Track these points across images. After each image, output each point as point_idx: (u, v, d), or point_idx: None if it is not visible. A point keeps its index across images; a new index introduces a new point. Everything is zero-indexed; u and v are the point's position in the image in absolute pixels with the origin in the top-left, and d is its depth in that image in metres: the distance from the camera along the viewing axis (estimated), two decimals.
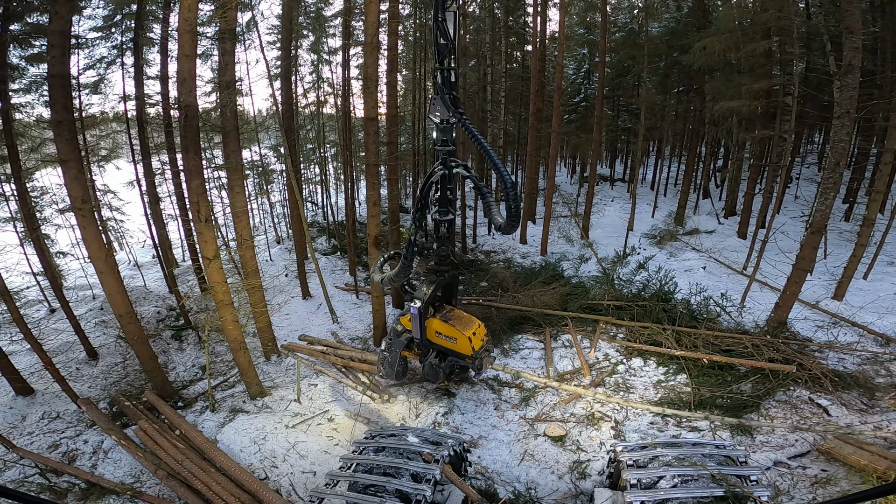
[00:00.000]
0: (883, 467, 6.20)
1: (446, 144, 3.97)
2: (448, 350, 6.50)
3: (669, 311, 11.24)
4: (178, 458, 7.58)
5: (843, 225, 16.57)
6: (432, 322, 6.73)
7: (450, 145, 3.96)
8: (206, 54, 14.57)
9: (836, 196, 9.45)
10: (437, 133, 4.00)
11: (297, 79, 19.95)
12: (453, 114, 3.64)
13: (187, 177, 6.75)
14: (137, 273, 16.47)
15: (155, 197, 13.78)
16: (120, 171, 16.61)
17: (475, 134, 3.46)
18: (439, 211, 4.34)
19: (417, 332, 5.62)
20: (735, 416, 8.13)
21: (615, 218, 20.43)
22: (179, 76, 6.22)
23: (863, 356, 9.62)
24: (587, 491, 7.08)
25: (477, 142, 3.51)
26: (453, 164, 4.04)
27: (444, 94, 3.75)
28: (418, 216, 4.10)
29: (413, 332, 5.69)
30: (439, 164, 3.83)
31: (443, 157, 3.87)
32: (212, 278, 7.87)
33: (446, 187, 3.98)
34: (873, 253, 12.99)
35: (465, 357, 5.71)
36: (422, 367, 6.61)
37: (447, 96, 3.73)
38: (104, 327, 12.74)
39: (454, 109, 3.62)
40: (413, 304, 5.38)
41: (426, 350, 6.08)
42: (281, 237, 21.46)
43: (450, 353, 6.26)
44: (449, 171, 3.84)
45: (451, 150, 3.96)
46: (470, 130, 3.52)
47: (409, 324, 5.94)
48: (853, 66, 8.64)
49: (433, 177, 3.93)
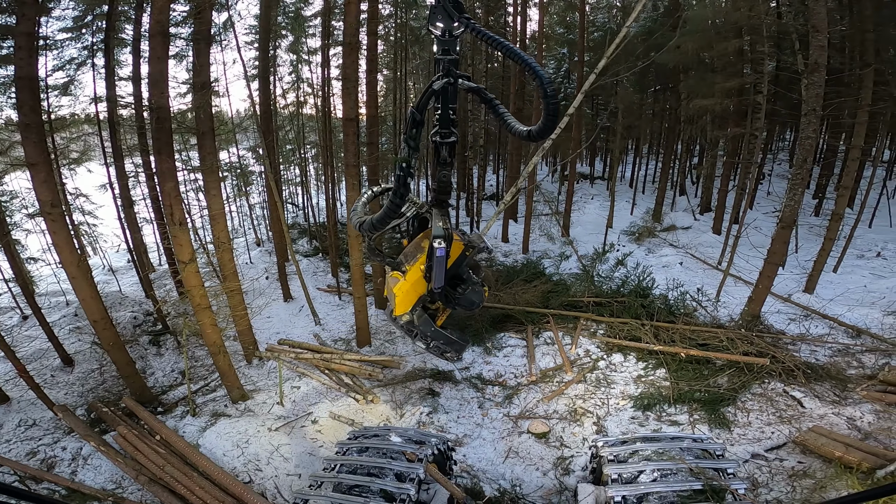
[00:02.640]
0: (857, 458, 6.35)
1: (448, 53, 3.20)
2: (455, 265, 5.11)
3: (648, 307, 11.44)
4: (159, 464, 7.49)
5: (813, 220, 17.08)
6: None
7: (452, 54, 3.20)
8: (181, 55, 14.30)
9: (804, 192, 9.75)
10: (437, 45, 3.31)
11: (276, 79, 19.70)
12: (458, 20, 3.05)
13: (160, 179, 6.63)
14: (112, 278, 16.09)
15: (129, 200, 13.48)
16: (92, 174, 16.20)
17: (492, 36, 2.86)
18: (440, 132, 3.53)
19: (441, 279, 4.30)
20: (713, 409, 8.26)
21: (595, 215, 20.68)
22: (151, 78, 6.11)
23: (834, 348, 9.89)
24: (571, 487, 7.18)
25: (496, 43, 2.87)
26: (458, 75, 3.25)
27: (445, 1, 3.13)
28: (414, 133, 3.21)
29: (435, 282, 4.40)
30: (440, 75, 3.22)
31: (445, 66, 3.19)
32: (188, 282, 7.75)
33: (448, 105, 3.34)
34: (842, 246, 13.42)
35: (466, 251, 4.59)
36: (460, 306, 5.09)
37: (449, 2, 3.02)
38: (79, 334, 12.44)
39: (458, 15, 3.04)
40: (438, 246, 4.12)
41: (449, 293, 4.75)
42: (261, 239, 21.18)
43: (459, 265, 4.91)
44: (454, 80, 3.20)
45: (454, 60, 3.20)
46: (484, 34, 2.88)
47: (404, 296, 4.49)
48: (819, 64, 8.88)
49: (433, 87, 3.19)
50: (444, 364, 10.80)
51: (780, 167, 24.24)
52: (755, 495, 6.46)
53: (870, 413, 7.69)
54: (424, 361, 10.93)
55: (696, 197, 21.90)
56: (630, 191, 23.56)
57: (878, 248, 15.03)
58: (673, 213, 20.10)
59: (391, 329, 12.72)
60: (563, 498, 7.14)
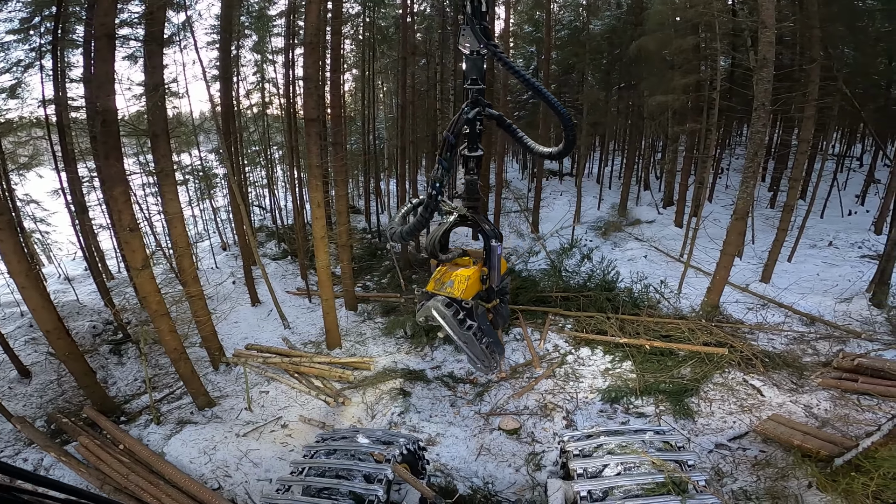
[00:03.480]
0: (815, 446, 6.52)
1: (476, 83, 3.63)
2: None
3: (613, 300, 11.65)
4: (123, 473, 7.29)
5: (769, 212, 17.77)
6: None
7: (480, 83, 3.62)
8: (136, 56, 13.82)
9: (755, 184, 10.12)
10: (466, 68, 3.65)
11: (239, 79, 19.29)
12: (484, 45, 3.42)
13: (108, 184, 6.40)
14: (69, 287, 15.46)
15: (82, 206, 12.96)
16: (43, 180, 15.53)
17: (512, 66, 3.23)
18: (468, 147, 3.99)
19: (499, 279, 4.62)
20: (678, 400, 8.42)
21: (563, 211, 20.99)
22: (97, 80, 5.89)
23: (790, 336, 10.23)
24: (543, 482, 7.22)
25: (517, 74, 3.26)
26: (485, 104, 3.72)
27: (473, 24, 3.45)
28: (448, 156, 3.64)
29: (494, 280, 4.70)
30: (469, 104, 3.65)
31: (474, 96, 3.64)
32: (143, 289, 7.51)
33: (475, 126, 3.79)
34: (796, 236, 14.00)
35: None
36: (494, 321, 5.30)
37: (477, 27, 3.37)
38: (35, 345, 11.98)
39: (486, 41, 3.39)
40: (497, 244, 4.44)
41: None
42: (227, 243, 20.69)
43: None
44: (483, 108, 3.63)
45: (481, 89, 3.63)
46: (506, 63, 3.26)
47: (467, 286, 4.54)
48: (767, 59, 9.18)
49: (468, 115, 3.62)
50: (414, 363, 10.78)
51: (738, 161, 25.08)
52: (721, 485, 6.58)
53: (826, 400, 7.97)
54: (395, 362, 10.88)
55: (659, 191, 22.49)
56: (597, 187, 24.01)
57: (829, 237, 15.77)
58: (638, 207, 20.60)
59: (361, 330, 12.64)
60: (535, 494, 7.17)
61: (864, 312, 10.72)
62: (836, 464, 6.11)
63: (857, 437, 6.69)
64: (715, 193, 19.82)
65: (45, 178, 15.43)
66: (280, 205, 21.63)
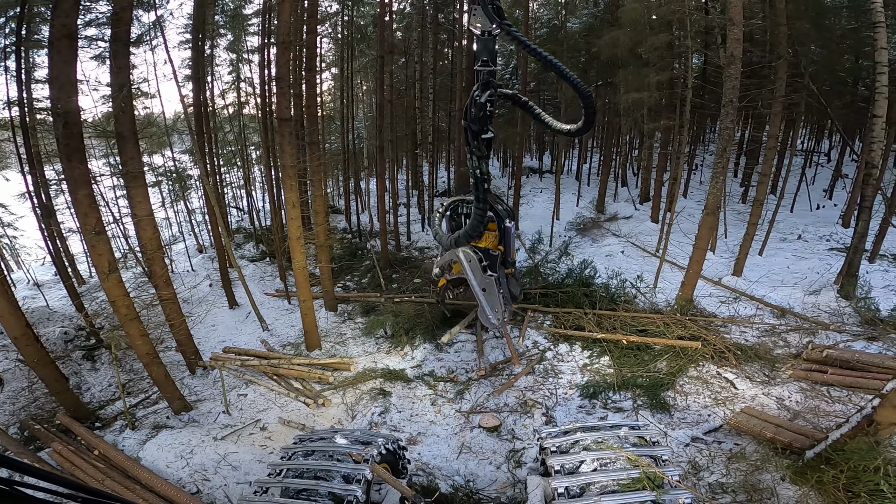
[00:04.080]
0: (787, 439, 6.65)
1: (487, 65, 3.47)
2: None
3: (591, 296, 11.77)
4: (98, 479, 7.19)
5: (740, 206, 18.21)
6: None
7: (490, 65, 3.46)
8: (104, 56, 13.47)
9: (724, 179, 10.33)
10: (477, 50, 3.54)
11: (213, 79, 18.97)
12: (497, 25, 3.26)
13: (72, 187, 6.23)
14: (38, 293, 15.03)
15: (49, 209, 12.60)
16: (9, 183, 15.06)
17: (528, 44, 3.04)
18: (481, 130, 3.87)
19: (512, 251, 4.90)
20: (654, 394, 8.53)
21: (543, 208, 21.17)
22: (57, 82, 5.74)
23: (762, 329, 10.46)
24: (524, 479, 7.29)
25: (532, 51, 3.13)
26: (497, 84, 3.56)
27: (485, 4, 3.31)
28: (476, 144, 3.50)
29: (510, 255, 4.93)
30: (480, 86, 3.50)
31: (485, 78, 3.47)
32: (111, 293, 7.36)
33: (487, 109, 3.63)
34: (766, 230, 14.35)
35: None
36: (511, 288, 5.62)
37: (490, 6, 3.21)
38: (5, 351, 11.63)
39: (498, 21, 3.23)
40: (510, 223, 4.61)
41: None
42: (203, 246, 20.34)
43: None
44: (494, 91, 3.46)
45: (492, 71, 3.47)
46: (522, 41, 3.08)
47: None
48: (735, 56, 9.37)
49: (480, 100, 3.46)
50: (395, 363, 10.78)
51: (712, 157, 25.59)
52: (698, 479, 6.68)
53: (797, 392, 8.15)
54: (375, 362, 10.86)
55: (636, 188, 22.82)
56: (576, 183, 24.26)
57: (798, 231, 16.21)
58: (615, 203, 20.88)
59: (341, 331, 12.58)
60: (516, 490, 7.22)
61: (833, 304, 11.00)
62: (808, 456, 6.21)
63: (827, 428, 6.80)
64: (690, 189, 20.19)
65: (11, 181, 14.97)
66: (258, 206, 21.35)
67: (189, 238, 20.78)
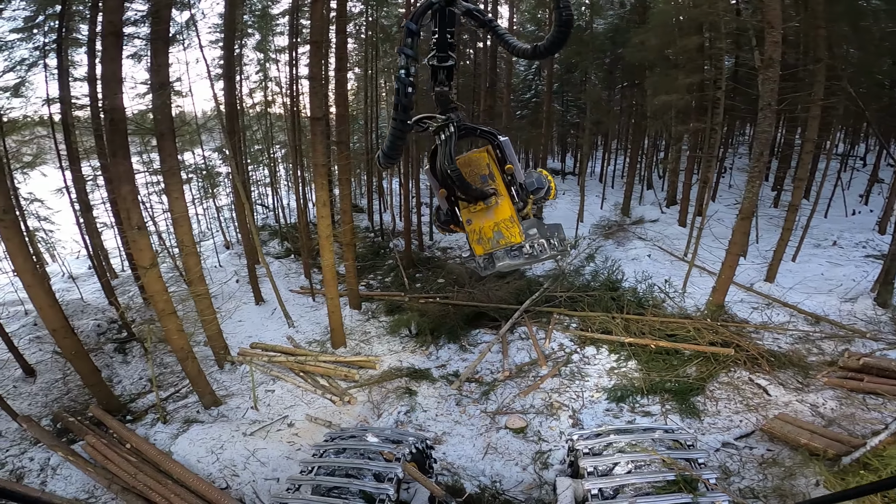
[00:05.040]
0: (822, 446, 6.51)
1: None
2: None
3: (618, 300, 11.66)
4: (131, 472, 7.30)
5: (773, 211, 17.74)
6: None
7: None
8: (140, 55, 13.80)
9: (761, 184, 10.10)
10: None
11: (242, 78, 19.29)
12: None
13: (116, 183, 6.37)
14: (73, 285, 15.46)
15: (87, 204, 12.94)
16: (47, 178, 15.53)
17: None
18: (437, 56, 3.18)
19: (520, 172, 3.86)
20: (683, 399, 8.43)
21: (566, 210, 20.99)
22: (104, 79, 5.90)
23: (795, 335, 10.21)
24: (550, 481, 7.21)
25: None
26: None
27: None
28: (409, 42, 2.80)
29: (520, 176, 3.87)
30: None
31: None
32: (150, 288, 7.51)
33: (445, 28, 3.01)
34: (800, 236, 13.99)
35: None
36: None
37: None
38: (40, 343, 11.95)
39: None
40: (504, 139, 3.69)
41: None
42: (230, 242, 20.69)
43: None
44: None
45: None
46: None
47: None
48: (773, 59, 9.17)
49: (432, 6, 2.87)
50: (420, 362, 10.81)
51: (741, 161, 25.09)
52: (728, 484, 6.59)
53: (832, 399, 7.95)
54: (400, 361, 10.90)
55: (662, 191, 22.47)
56: (600, 186, 24.01)
57: (833, 237, 15.75)
58: (641, 206, 20.59)
59: (366, 329, 12.65)
60: (542, 492, 7.19)
61: (869, 312, 10.70)
62: (844, 462, 6.10)
63: (863, 435, 6.68)
64: (718, 192, 19.80)
65: (48, 176, 15.43)
66: (283, 203, 21.62)
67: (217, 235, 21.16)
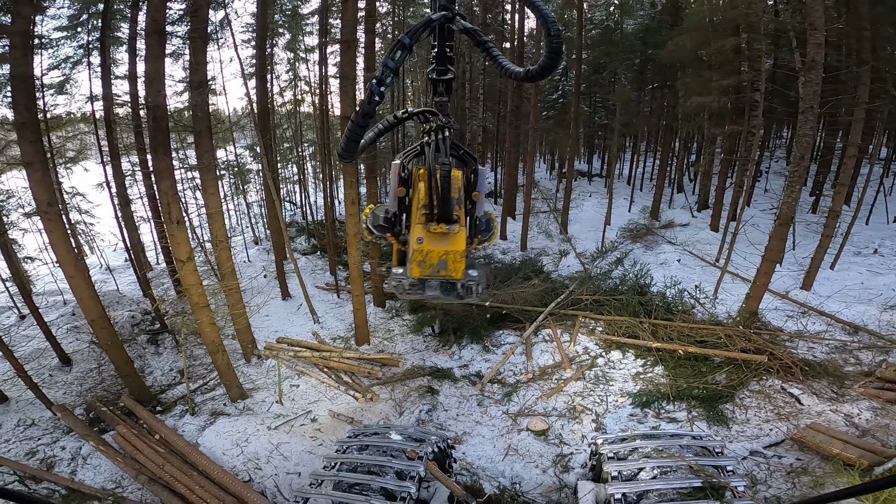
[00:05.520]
0: (855, 456, 6.36)
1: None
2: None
3: (646, 304, 11.46)
4: (158, 463, 7.47)
5: (811, 217, 17.12)
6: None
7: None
8: (177, 53, 14.22)
9: (801, 189, 9.76)
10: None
11: (273, 77, 19.66)
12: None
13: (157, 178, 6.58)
14: (110, 277, 16.02)
15: (125, 199, 13.40)
16: (89, 173, 16.13)
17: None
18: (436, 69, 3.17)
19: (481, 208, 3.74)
20: (711, 406, 8.29)
21: (593, 213, 20.71)
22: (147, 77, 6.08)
23: (831, 345, 9.92)
24: (571, 484, 7.19)
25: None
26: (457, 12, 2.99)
27: None
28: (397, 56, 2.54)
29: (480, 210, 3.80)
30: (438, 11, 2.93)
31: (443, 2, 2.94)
32: (186, 281, 7.72)
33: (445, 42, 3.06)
34: (840, 243, 13.45)
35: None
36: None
37: None
38: (76, 333, 12.37)
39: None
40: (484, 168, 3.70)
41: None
42: (259, 238, 21.14)
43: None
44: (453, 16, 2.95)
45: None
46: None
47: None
48: (816, 61, 8.89)
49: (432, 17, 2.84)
50: (442, 362, 10.82)
51: (778, 164, 24.29)
52: (754, 492, 6.49)
53: (867, 410, 7.72)
54: (423, 360, 10.93)
55: (693, 194, 21.94)
56: (628, 188, 23.59)
57: (874, 244, 15.09)
58: (671, 210, 20.15)
59: (389, 327, 12.73)
60: (562, 495, 7.15)
61: None
62: (877, 472, 6.04)
63: None
64: (753, 197, 19.22)
65: (90, 171, 16.04)
66: (310, 200, 21.95)
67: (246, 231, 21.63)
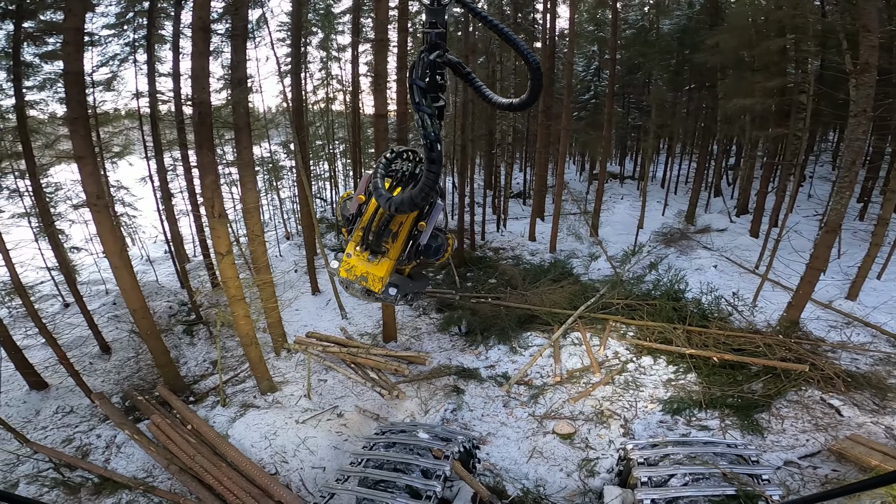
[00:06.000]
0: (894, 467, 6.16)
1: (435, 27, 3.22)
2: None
3: (680, 311, 11.18)
4: (189, 453, 7.63)
5: (858, 224, 16.34)
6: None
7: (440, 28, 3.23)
8: (217, 51, 14.64)
9: (850, 195, 9.35)
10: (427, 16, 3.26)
11: (307, 76, 20.03)
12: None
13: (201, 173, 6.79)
14: (150, 268, 16.63)
15: (167, 193, 13.88)
16: (133, 168, 16.79)
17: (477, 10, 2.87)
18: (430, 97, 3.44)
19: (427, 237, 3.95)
20: (746, 415, 8.12)
21: (625, 216, 20.31)
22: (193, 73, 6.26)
23: (875, 356, 9.53)
24: (596, 489, 7.09)
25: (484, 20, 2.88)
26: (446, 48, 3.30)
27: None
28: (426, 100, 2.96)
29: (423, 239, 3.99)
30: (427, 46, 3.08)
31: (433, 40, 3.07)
32: (224, 273, 7.93)
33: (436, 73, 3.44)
34: (888, 252, 12.83)
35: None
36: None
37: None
38: (117, 322, 12.87)
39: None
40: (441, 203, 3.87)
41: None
42: (290, 233, 21.58)
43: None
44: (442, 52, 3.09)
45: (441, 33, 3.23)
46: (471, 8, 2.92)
47: None
48: (870, 64, 8.54)
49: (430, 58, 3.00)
50: (468, 361, 10.81)
51: (823, 169, 23.28)
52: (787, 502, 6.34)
53: None
54: (450, 359, 10.94)
55: (731, 199, 21.25)
56: (661, 191, 23.06)
57: None
58: (707, 214, 19.58)
59: (416, 325, 12.78)
60: (586, 500, 7.06)
61: None
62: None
63: None
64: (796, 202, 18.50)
65: (134, 166, 16.69)
66: None
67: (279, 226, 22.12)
